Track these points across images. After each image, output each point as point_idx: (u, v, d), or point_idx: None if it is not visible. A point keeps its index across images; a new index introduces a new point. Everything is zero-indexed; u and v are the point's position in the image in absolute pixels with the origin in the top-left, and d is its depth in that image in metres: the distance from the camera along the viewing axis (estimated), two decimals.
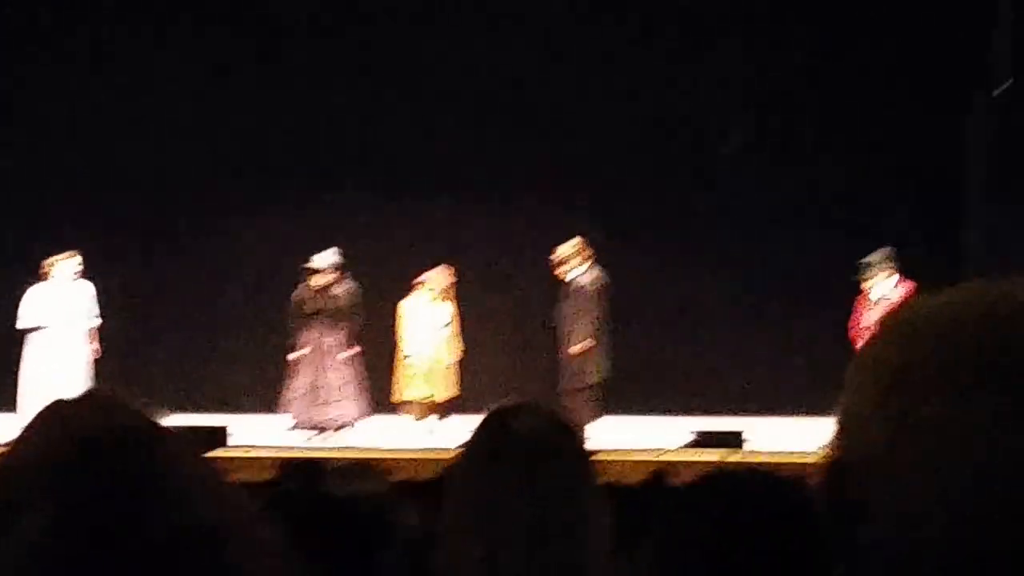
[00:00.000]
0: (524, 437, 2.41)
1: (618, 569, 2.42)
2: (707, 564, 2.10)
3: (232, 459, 11.01)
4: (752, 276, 17.26)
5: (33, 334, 14.50)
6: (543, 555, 2.32)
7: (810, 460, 8.78)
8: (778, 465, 8.46)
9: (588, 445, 2.56)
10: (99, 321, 14.71)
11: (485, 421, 2.48)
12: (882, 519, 1.15)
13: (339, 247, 14.62)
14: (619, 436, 13.66)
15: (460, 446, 2.49)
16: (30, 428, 1.67)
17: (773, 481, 2.27)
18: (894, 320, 1.22)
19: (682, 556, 2.13)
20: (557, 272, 14.44)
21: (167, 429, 1.70)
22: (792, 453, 11.28)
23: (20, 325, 14.51)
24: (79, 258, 14.64)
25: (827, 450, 1.21)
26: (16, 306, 14.60)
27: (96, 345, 14.68)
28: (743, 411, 15.06)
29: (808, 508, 2.14)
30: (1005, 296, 1.18)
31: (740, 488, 2.24)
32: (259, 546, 1.66)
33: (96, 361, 14.62)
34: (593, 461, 2.50)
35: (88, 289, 14.70)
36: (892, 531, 1.15)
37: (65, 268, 14.59)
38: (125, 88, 17.53)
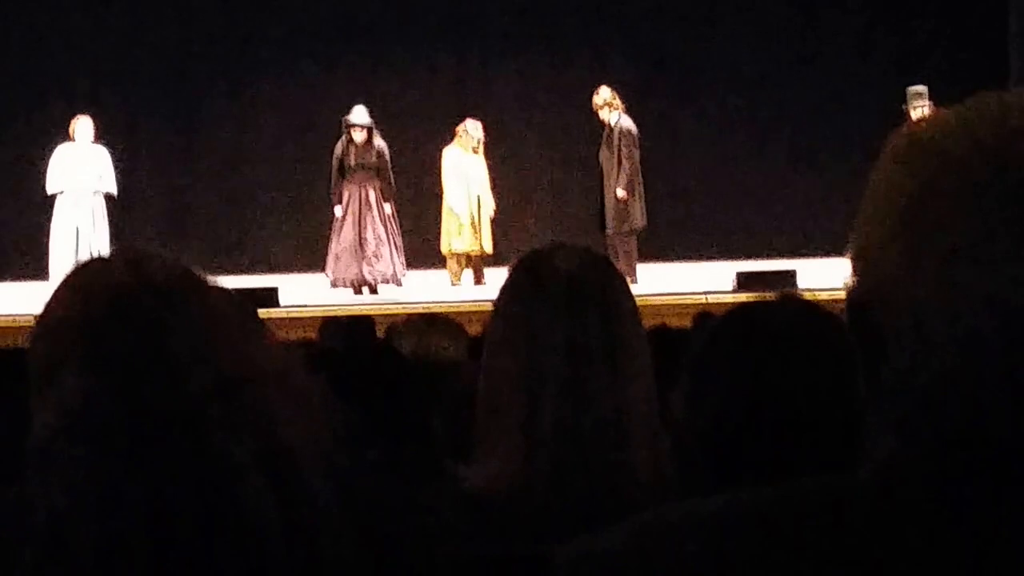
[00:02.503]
0: (564, 269, 2.43)
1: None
2: (741, 390, 2.13)
3: (286, 319, 11.04)
4: (785, 115, 17.10)
5: (60, 197, 14.09)
6: (584, 376, 2.35)
7: None
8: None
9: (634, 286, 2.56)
10: (115, 188, 14.32)
11: (523, 258, 2.50)
12: (900, 353, 1.10)
13: (365, 104, 14.40)
14: (663, 282, 13.64)
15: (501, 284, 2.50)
16: (63, 286, 1.66)
17: (810, 308, 2.26)
18: (906, 142, 1.14)
19: (716, 382, 2.16)
20: (599, 115, 14.30)
21: (204, 280, 1.68)
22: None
23: (49, 190, 14.12)
24: (90, 120, 14.26)
25: (847, 283, 1.16)
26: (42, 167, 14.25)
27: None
28: (787, 254, 15.00)
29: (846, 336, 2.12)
30: (1018, 106, 1.10)
31: (774, 314, 2.23)
32: (300, 397, 1.65)
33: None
34: (632, 295, 2.51)
35: (104, 154, 14.30)
36: (910, 365, 1.09)
37: (83, 129, 14.23)
38: None
